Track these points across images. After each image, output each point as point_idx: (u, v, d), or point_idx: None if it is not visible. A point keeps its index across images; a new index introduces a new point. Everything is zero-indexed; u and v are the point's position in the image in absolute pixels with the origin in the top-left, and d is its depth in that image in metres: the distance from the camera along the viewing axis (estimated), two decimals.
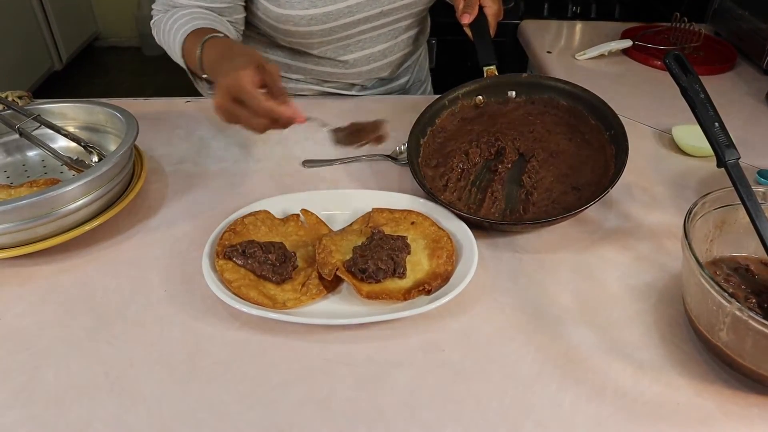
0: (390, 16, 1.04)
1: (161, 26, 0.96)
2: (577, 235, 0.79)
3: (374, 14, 1.01)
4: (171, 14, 0.95)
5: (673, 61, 0.70)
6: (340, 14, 0.98)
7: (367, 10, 1.00)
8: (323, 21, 0.97)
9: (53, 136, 0.88)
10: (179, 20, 0.92)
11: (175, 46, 0.92)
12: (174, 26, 0.92)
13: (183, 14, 0.93)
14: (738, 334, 0.56)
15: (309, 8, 0.95)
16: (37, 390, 0.58)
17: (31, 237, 0.71)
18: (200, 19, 0.92)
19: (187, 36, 0.89)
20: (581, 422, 0.56)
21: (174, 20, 0.93)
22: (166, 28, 0.94)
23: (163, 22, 0.96)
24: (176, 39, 0.91)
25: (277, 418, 0.56)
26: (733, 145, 0.66)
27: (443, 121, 0.92)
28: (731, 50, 1.36)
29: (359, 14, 0.99)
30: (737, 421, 0.56)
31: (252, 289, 0.66)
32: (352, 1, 0.97)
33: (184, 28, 0.90)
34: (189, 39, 0.89)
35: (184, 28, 0.90)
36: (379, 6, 1.00)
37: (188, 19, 0.92)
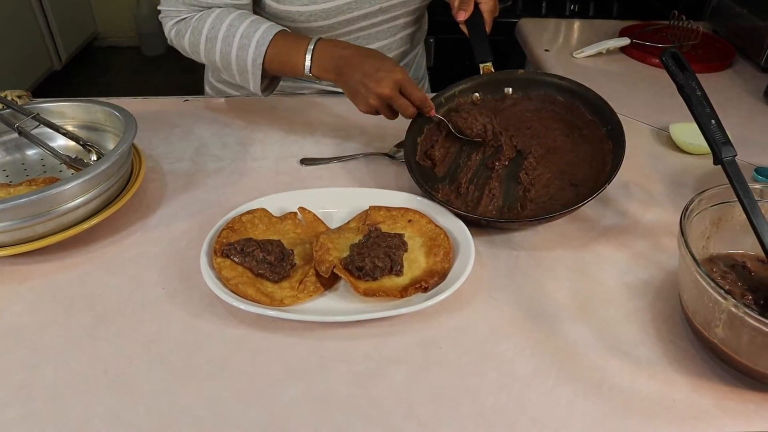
0: (388, 12, 1.04)
1: (203, 27, 0.92)
2: (574, 232, 0.79)
3: (373, 11, 1.01)
4: (214, 17, 0.92)
5: (670, 58, 0.70)
6: (339, 11, 0.98)
7: (366, 6, 1.00)
8: (322, 17, 0.98)
9: (52, 135, 0.88)
10: (237, 25, 0.90)
11: (245, 53, 0.90)
12: (236, 32, 0.90)
13: (234, 17, 0.91)
14: (734, 330, 0.56)
15: (309, 5, 0.95)
16: (36, 387, 0.59)
17: (30, 235, 0.71)
18: (263, 22, 0.91)
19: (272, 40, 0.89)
20: (578, 419, 0.56)
21: (229, 25, 0.90)
22: (220, 31, 0.91)
23: (207, 23, 0.92)
24: (248, 46, 0.89)
25: (274, 415, 0.56)
26: (729, 142, 0.66)
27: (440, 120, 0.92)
28: (729, 48, 1.36)
29: (358, 11, 1.00)
30: (733, 417, 0.56)
31: (250, 287, 0.66)
32: None
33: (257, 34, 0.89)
34: (275, 43, 0.89)
35: (257, 35, 0.89)
36: (378, 3, 1.01)
37: (250, 22, 0.90)
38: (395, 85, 0.83)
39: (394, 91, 0.84)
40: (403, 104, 0.85)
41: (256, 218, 0.76)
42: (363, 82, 0.84)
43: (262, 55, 0.89)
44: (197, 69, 1.21)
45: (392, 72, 0.83)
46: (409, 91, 0.84)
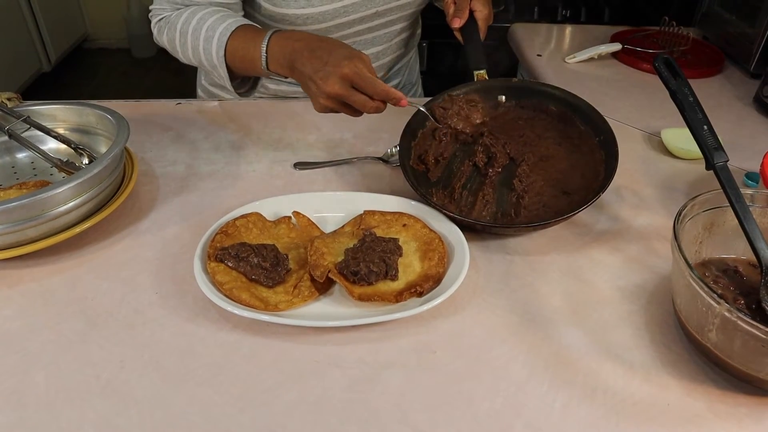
0: (385, 16, 1.04)
1: (177, 23, 0.92)
2: (567, 237, 0.80)
3: (369, 14, 1.01)
4: (189, 12, 0.92)
5: (663, 64, 0.70)
6: (336, 14, 0.98)
7: (362, 10, 1.00)
8: (319, 20, 0.97)
9: (43, 138, 0.88)
10: (207, 19, 0.89)
11: (209, 45, 0.88)
12: (203, 26, 0.88)
13: (206, 12, 0.90)
14: (727, 334, 0.57)
15: (305, 7, 0.95)
16: (27, 393, 0.58)
17: (21, 239, 0.70)
18: (231, 17, 0.89)
19: (232, 34, 0.86)
20: (572, 423, 0.56)
21: (200, 18, 0.89)
22: (189, 26, 0.90)
23: (181, 20, 0.92)
24: (212, 39, 0.87)
25: (268, 421, 0.56)
26: (721, 147, 0.67)
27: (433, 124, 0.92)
28: (719, 54, 1.38)
29: (354, 14, 0.99)
30: (726, 420, 0.57)
31: (244, 291, 0.66)
32: (347, 1, 0.97)
33: (221, 27, 0.87)
34: (235, 36, 0.86)
35: (220, 27, 0.87)
36: (374, 6, 1.01)
37: (219, 17, 0.88)
38: (343, 81, 0.76)
39: (343, 88, 0.77)
40: (358, 100, 0.78)
41: (250, 222, 0.76)
42: (312, 78, 0.78)
43: (223, 47, 0.87)
44: (187, 71, 1.21)
45: (339, 66, 0.76)
46: (362, 85, 0.77)
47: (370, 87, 0.76)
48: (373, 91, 0.77)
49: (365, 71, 0.77)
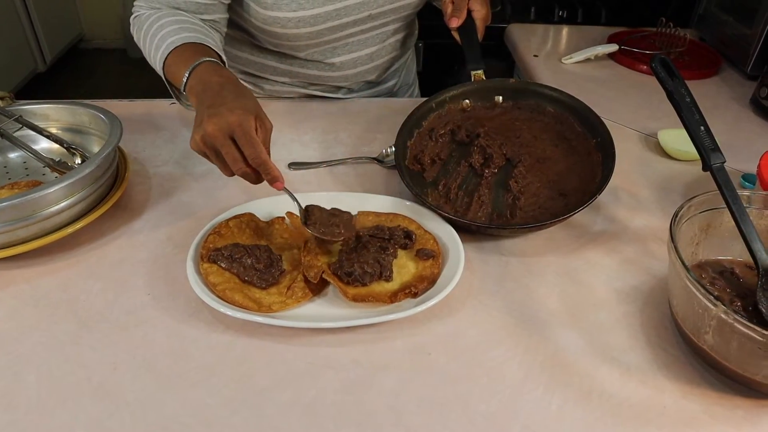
0: (378, 19, 1.04)
1: (144, 24, 0.92)
2: (563, 238, 0.79)
3: (362, 17, 1.01)
4: (156, 16, 0.91)
5: (660, 65, 0.70)
6: (329, 17, 0.97)
7: (355, 13, 0.99)
8: (311, 23, 0.97)
9: (35, 138, 0.87)
10: (166, 27, 0.87)
11: (156, 54, 0.87)
12: (160, 33, 0.87)
13: (170, 21, 0.89)
14: (723, 336, 0.56)
15: (297, 10, 0.95)
16: (18, 395, 0.57)
17: (13, 240, 0.70)
18: (189, 30, 0.87)
19: (176, 48, 0.84)
20: (568, 425, 0.56)
21: (160, 25, 0.88)
22: (150, 30, 0.90)
23: (148, 21, 0.91)
24: (160, 48, 0.86)
25: (262, 422, 0.55)
26: (718, 148, 0.67)
27: (430, 124, 0.92)
28: (716, 55, 1.38)
29: (347, 17, 0.99)
30: (723, 422, 0.56)
31: (237, 293, 0.65)
32: (340, 4, 0.97)
33: (172, 38, 0.85)
34: (177, 51, 0.84)
35: (171, 38, 0.85)
36: (368, 9, 1.00)
37: (176, 28, 0.87)
38: (225, 127, 0.68)
39: (221, 134, 0.68)
40: (229, 153, 0.69)
41: (244, 223, 0.75)
42: (202, 115, 0.71)
43: (164, 59, 0.85)
44: None
45: (231, 112, 0.69)
46: (242, 142, 0.68)
47: (248, 147, 0.68)
48: (250, 153, 0.68)
49: (252, 131, 0.69)
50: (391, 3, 1.02)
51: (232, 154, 0.69)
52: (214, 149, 0.70)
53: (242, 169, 0.69)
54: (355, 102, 1.16)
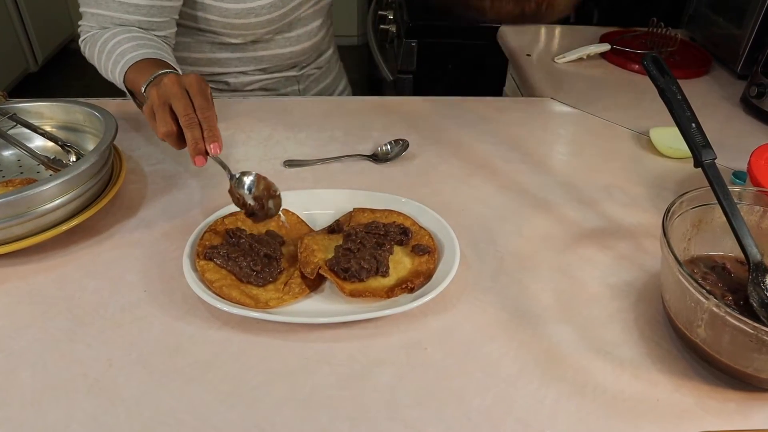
0: None
1: (98, 41, 0.93)
2: (557, 234, 0.80)
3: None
4: (110, 34, 0.92)
5: (651, 62, 0.71)
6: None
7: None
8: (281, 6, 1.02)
9: (30, 136, 0.87)
10: (123, 44, 0.89)
11: (116, 69, 0.89)
12: (118, 48, 0.89)
13: (126, 38, 0.90)
14: (715, 330, 0.57)
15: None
16: (13, 392, 0.57)
17: (7, 237, 0.69)
18: (146, 47, 0.89)
19: (135, 63, 0.86)
20: (562, 419, 0.56)
21: (117, 42, 0.90)
22: (106, 47, 0.91)
23: (102, 38, 0.92)
24: (119, 63, 0.88)
25: (258, 418, 0.55)
26: (709, 145, 0.67)
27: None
28: (706, 55, 1.39)
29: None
30: (715, 415, 0.57)
31: (234, 289, 0.65)
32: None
33: (131, 54, 0.87)
34: (136, 67, 0.86)
35: (131, 54, 0.87)
36: None
37: (134, 45, 0.88)
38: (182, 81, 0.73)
39: (176, 85, 0.72)
40: (181, 102, 0.72)
41: (239, 220, 0.75)
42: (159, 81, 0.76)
43: (123, 73, 0.87)
44: None
45: (187, 75, 0.74)
46: (193, 92, 0.73)
47: (201, 98, 0.72)
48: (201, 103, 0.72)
49: (207, 89, 0.74)
50: None
51: (183, 101, 0.72)
52: (166, 101, 0.72)
53: (191, 115, 0.71)
54: (351, 100, 1.16)
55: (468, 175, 0.93)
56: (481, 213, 0.84)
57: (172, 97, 0.72)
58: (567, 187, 0.90)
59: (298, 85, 1.23)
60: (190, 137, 0.71)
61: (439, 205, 0.82)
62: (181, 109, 0.71)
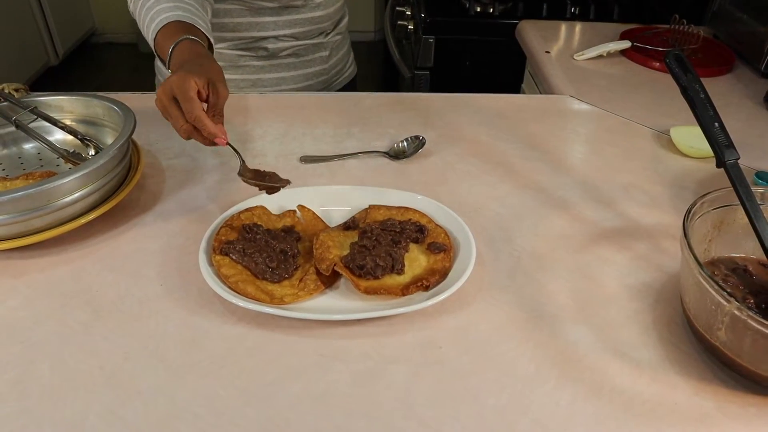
0: None
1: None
2: (574, 234, 0.79)
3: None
4: None
5: (674, 60, 0.69)
6: None
7: None
8: None
9: (50, 129, 0.88)
10: (162, 2, 0.90)
11: (149, 29, 0.90)
12: (156, 6, 0.90)
13: None
14: (736, 333, 0.56)
15: None
16: (31, 383, 0.58)
17: (27, 229, 0.70)
18: (181, 9, 0.90)
19: (165, 25, 0.87)
20: (579, 421, 0.56)
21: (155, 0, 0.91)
22: (146, 3, 0.92)
23: None
24: (153, 23, 0.89)
25: (273, 414, 0.55)
26: (732, 145, 0.66)
27: None
28: (729, 53, 1.37)
29: None
30: (735, 420, 0.56)
31: (250, 285, 0.65)
32: None
33: (166, 14, 0.88)
34: (166, 28, 0.87)
35: (165, 14, 0.88)
36: None
37: (171, 5, 0.89)
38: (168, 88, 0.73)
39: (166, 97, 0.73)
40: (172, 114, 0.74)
41: (255, 216, 0.76)
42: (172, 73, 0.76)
43: (155, 32, 0.88)
44: None
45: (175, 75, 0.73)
46: (180, 99, 0.72)
47: (184, 103, 0.72)
48: (186, 108, 0.72)
49: (189, 90, 0.72)
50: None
51: (173, 113, 0.73)
52: (165, 111, 0.74)
53: (182, 125, 0.73)
54: (368, 97, 1.16)
55: (484, 172, 0.92)
56: (497, 211, 0.83)
57: (162, 109, 0.75)
58: (585, 186, 0.89)
59: (324, 51, 1.26)
60: (199, 140, 0.75)
61: (456, 202, 0.82)
62: (174, 124, 0.74)
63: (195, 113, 0.72)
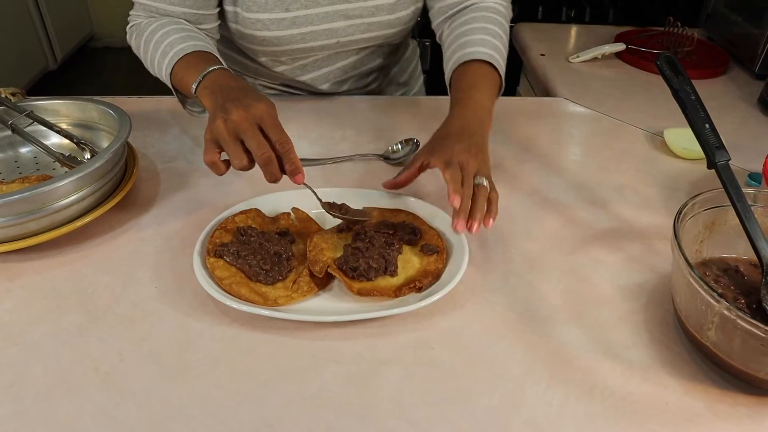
0: (348, 46, 1.04)
1: (145, 31, 0.91)
2: (567, 235, 0.80)
3: (331, 44, 1.02)
4: (158, 24, 0.91)
5: (665, 63, 0.70)
6: (292, 39, 0.99)
7: (322, 39, 1.00)
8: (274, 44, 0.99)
9: (46, 133, 0.88)
10: (172, 35, 0.87)
11: (164, 59, 0.87)
12: (166, 39, 0.87)
13: (174, 29, 0.89)
14: (726, 333, 0.56)
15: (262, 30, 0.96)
16: (26, 385, 0.58)
17: (23, 232, 0.71)
18: (194, 39, 0.87)
19: (186, 55, 0.84)
20: (570, 421, 0.56)
21: (165, 32, 0.88)
22: (154, 36, 0.89)
23: (150, 28, 0.91)
24: (168, 53, 0.86)
25: (266, 415, 0.56)
26: (723, 146, 0.67)
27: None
28: (724, 55, 1.37)
29: (314, 42, 1.00)
30: (725, 420, 0.56)
31: (243, 287, 0.66)
32: (305, 29, 0.97)
33: (181, 45, 0.85)
34: (186, 59, 0.84)
35: (180, 45, 0.85)
36: (336, 37, 1.00)
37: (183, 36, 0.87)
38: (253, 114, 0.70)
39: (248, 120, 0.69)
40: (254, 138, 0.69)
41: (249, 218, 0.76)
42: (224, 105, 0.71)
43: (172, 66, 0.85)
44: None
45: (258, 101, 0.71)
46: (269, 126, 0.70)
47: (277, 132, 0.70)
48: (279, 137, 0.70)
49: (277, 118, 0.72)
50: (362, 33, 1.02)
51: (257, 139, 0.69)
52: (237, 136, 0.70)
53: (267, 154, 0.69)
54: (362, 100, 1.16)
55: None
56: None
57: (243, 133, 0.69)
58: (579, 188, 0.90)
59: None
60: (269, 175, 0.70)
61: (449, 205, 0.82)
62: (255, 148, 0.69)
63: (290, 143, 0.70)
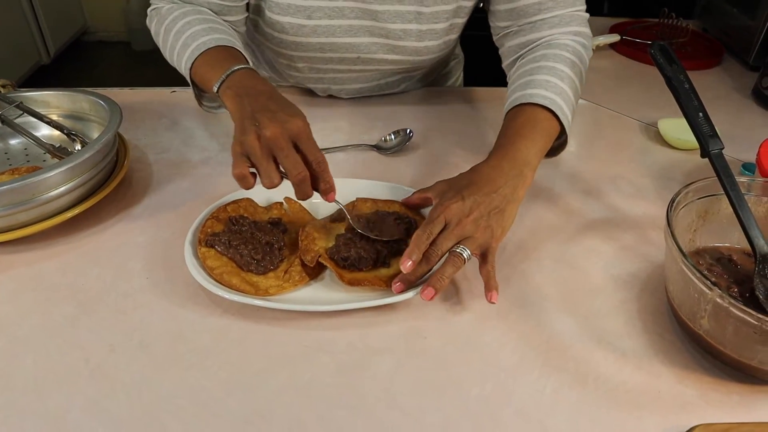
0: (370, 64, 1.00)
1: (166, 18, 0.87)
2: (561, 224, 0.79)
3: (351, 58, 0.98)
4: (181, 12, 0.86)
5: (659, 51, 0.70)
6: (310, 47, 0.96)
7: (342, 51, 0.96)
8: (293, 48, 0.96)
9: (36, 124, 0.87)
10: (194, 25, 0.83)
11: (184, 52, 0.82)
12: (188, 30, 0.83)
13: (197, 19, 0.84)
14: (719, 321, 0.56)
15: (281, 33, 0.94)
16: (15, 376, 0.58)
17: (12, 224, 0.70)
18: (218, 32, 0.83)
19: (208, 49, 0.80)
20: (563, 410, 0.56)
21: (187, 22, 0.84)
22: (175, 25, 0.85)
23: (171, 16, 0.86)
24: (189, 45, 0.82)
25: (257, 405, 0.55)
26: (717, 135, 0.66)
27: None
28: (718, 46, 1.37)
29: (333, 53, 0.96)
30: (717, 407, 0.56)
31: (234, 276, 0.65)
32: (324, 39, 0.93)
33: (204, 38, 0.81)
34: (209, 53, 0.80)
35: (203, 38, 0.81)
36: (357, 52, 0.96)
37: (206, 28, 0.83)
38: (288, 131, 0.66)
39: (284, 137, 0.66)
40: (290, 157, 0.66)
41: (242, 208, 0.75)
42: (255, 117, 0.68)
43: (192, 59, 0.81)
44: None
45: (293, 117, 0.68)
46: (305, 144, 0.67)
47: (313, 151, 0.68)
48: (315, 156, 0.68)
49: (313, 137, 0.69)
50: (386, 53, 0.97)
51: (293, 157, 0.66)
52: (270, 153, 0.67)
53: (303, 174, 0.66)
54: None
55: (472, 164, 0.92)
56: None
57: (278, 151, 0.66)
58: (573, 178, 0.90)
59: None
60: (301, 193, 0.68)
61: None
62: (291, 167, 0.66)
63: (325, 163, 0.68)
